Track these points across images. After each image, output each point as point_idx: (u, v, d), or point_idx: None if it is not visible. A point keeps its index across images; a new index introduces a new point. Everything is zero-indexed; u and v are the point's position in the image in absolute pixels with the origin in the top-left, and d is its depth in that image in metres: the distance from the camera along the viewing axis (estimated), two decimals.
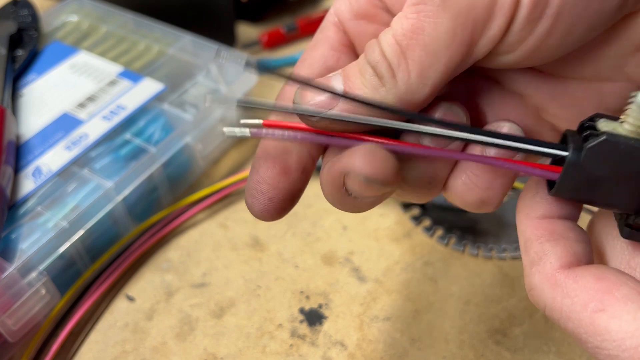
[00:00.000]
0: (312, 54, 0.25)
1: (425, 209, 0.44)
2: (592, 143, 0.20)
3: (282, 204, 0.23)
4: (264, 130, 0.22)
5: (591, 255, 0.21)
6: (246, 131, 0.22)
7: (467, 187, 0.23)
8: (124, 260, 0.40)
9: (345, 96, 0.21)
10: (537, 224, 0.21)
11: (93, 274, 0.40)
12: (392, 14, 0.25)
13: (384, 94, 0.21)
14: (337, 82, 0.22)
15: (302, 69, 0.25)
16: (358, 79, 0.21)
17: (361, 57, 0.22)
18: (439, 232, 0.42)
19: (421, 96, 0.21)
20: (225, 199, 0.46)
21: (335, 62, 0.25)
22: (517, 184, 0.39)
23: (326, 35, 0.25)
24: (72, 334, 0.37)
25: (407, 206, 0.44)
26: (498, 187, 0.23)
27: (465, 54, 0.21)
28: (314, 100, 0.21)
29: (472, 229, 0.42)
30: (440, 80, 0.21)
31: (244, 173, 0.46)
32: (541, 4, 0.19)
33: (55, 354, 0.36)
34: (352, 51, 0.26)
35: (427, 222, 0.43)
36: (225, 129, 0.22)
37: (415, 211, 0.43)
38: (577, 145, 0.20)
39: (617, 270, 0.20)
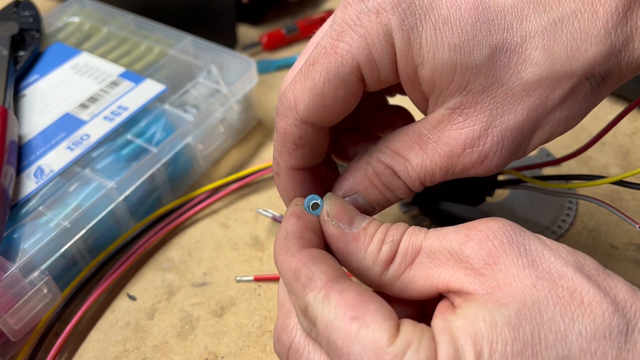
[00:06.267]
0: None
1: (424, 209, 0.44)
2: None
3: None
4: None
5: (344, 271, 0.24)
6: None
7: None
8: (126, 260, 0.41)
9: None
10: (298, 256, 0.23)
11: (95, 274, 0.40)
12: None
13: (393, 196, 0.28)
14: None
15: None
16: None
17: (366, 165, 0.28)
18: None
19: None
20: (226, 198, 0.46)
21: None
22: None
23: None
24: (74, 333, 0.38)
25: (406, 205, 0.44)
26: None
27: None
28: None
29: None
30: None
31: (244, 172, 0.46)
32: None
33: (57, 352, 0.36)
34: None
35: (425, 223, 0.43)
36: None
37: (415, 211, 0.44)
38: None
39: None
